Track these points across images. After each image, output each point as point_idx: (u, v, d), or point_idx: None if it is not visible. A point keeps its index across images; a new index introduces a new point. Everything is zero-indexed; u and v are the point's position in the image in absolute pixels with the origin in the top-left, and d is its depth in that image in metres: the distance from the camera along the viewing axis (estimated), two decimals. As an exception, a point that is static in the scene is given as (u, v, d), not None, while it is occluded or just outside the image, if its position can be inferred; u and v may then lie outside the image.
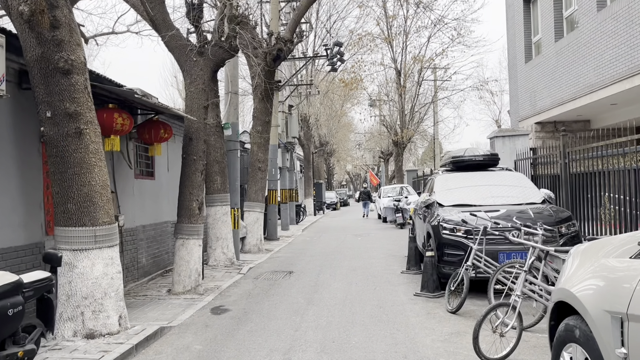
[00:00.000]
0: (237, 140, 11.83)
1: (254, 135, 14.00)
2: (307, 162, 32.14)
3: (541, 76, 17.29)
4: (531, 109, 18.30)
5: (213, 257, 10.84)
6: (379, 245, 14.41)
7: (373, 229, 20.57)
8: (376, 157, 64.63)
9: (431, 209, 8.57)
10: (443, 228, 7.57)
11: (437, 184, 9.05)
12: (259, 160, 13.89)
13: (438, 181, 9.12)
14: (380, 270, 9.96)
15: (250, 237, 13.60)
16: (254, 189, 13.85)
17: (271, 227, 16.99)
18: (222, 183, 10.91)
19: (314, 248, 14.31)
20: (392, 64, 27.63)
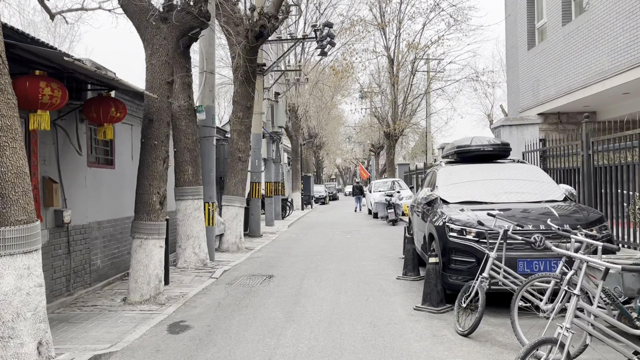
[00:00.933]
0: (213, 125, 10.51)
1: (234, 122, 12.69)
2: (295, 154, 30.84)
3: (546, 64, 16.12)
4: (533, 99, 17.15)
5: (182, 258, 9.54)
6: (371, 244, 13.19)
7: (363, 225, 19.36)
8: (366, 150, 63.49)
9: (434, 207, 7.34)
10: (450, 230, 6.34)
11: (440, 177, 7.81)
12: (240, 150, 12.58)
13: (441, 174, 7.89)
14: (373, 275, 8.73)
15: (228, 234, 12.31)
16: (234, 181, 12.54)
17: (253, 223, 15.70)
18: (194, 174, 9.60)
19: (299, 247, 13.05)
20: (384, 51, 26.33)
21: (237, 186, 12.55)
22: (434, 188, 7.65)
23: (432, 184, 8.28)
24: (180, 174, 9.55)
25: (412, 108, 28.29)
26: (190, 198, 9.53)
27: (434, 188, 7.68)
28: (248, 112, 12.69)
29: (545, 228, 5.91)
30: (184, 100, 9.54)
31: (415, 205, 9.13)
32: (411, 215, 9.76)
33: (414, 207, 9.37)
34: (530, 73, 17.40)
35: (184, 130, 9.53)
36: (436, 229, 6.65)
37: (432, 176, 8.65)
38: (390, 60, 26.29)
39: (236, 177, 12.55)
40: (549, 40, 15.83)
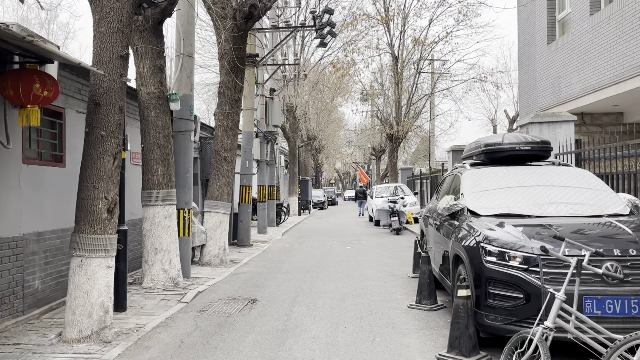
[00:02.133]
0: (191, 118, 8.92)
1: (219, 116, 11.10)
2: (292, 157, 29.25)
3: (569, 59, 14.56)
4: (554, 97, 15.59)
5: (149, 276, 7.93)
6: (373, 257, 11.58)
7: (364, 234, 17.75)
8: (366, 154, 61.92)
9: (459, 220, 5.76)
10: (486, 252, 4.75)
11: (466, 183, 6.22)
12: (225, 148, 10.99)
13: (467, 179, 6.29)
14: (379, 301, 7.13)
15: (210, 245, 10.70)
16: (218, 184, 10.95)
17: (242, 231, 14.10)
18: (165, 175, 8.01)
19: (293, 260, 11.45)
20: (388, 48, 24.78)
21: (222, 190, 10.95)
22: (459, 196, 6.05)
23: (454, 191, 6.70)
24: (149, 175, 7.96)
25: (416, 110, 26.71)
26: (159, 204, 7.93)
27: (458, 196, 6.08)
28: (235, 105, 11.11)
29: (620, 253, 4.33)
30: (155, 87, 7.96)
31: (431, 216, 7.53)
32: (424, 227, 8.15)
33: (429, 217, 7.78)
34: (550, 70, 15.84)
35: (154, 122, 7.95)
36: (466, 250, 5.06)
37: (453, 181, 7.05)
38: (394, 58, 24.74)
39: (221, 179, 10.96)
40: (572, 32, 14.28)
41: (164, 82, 8.13)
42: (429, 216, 7.80)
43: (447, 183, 7.53)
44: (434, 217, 7.25)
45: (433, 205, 7.82)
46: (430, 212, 7.71)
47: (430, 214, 7.73)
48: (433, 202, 8.11)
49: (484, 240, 4.86)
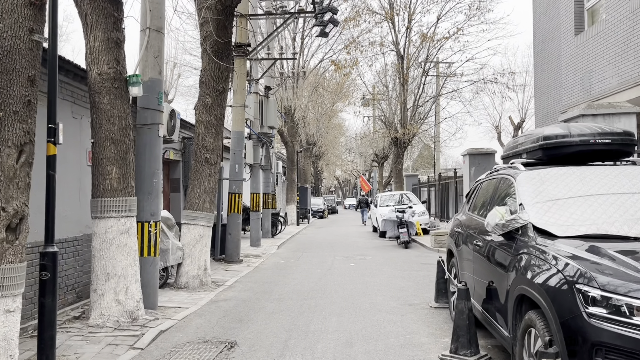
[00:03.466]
0: (160, 108, 7.15)
1: (200, 111, 9.36)
2: (290, 163, 27.49)
3: (602, 49, 12.83)
4: (583, 94, 13.84)
5: (98, 310, 6.13)
6: (383, 278, 9.78)
7: (369, 247, 15.94)
8: (367, 161, 60.15)
9: (521, 242, 3.98)
10: (588, 300, 2.97)
11: (525, 189, 4.43)
12: (207, 148, 9.23)
13: (525, 184, 4.49)
14: (398, 347, 5.33)
15: (188, 264, 8.90)
16: (198, 191, 9.18)
17: (231, 244, 12.30)
18: (122, 178, 6.24)
19: (287, 280, 9.65)
20: (393, 47, 23.10)
21: (203, 198, 9.18)
22: (520, 208, 4.26)
23: (500, 200, 4.93)
24: (100, 179, 6.19)
25: (424, 111, 24.98)
26: (113, 215, 6.15)
27: (519, 208, 4.29)
28: (220, 97, 9.36)
29: None
30: (109, 66, 6.20)
31: (465, 232, 5.75)
32: (453, 246, 6.35)
33: (461, 234, 5.99)
34: (579, 64, 14.10)
35: (107, 110, 6.18)
36: (546, 292, 3.27)
37: (497, 188, 5.25)
38: (399, 57, 23.04)
39: (202, 185, 9.19)
40: (607, 20, 12.56)
41: (121, 61, 6.37)
42: (461, 232, 6.01)
43: (486, 190, 5.75)
44: (471, 234, 5.46)
45: (466, 219, 6.03)
46: (464, 227, 5.92)
47: (463, 229, 5.94)
48: (465, 214, 6.33)
49: (581, 278, 3.07)
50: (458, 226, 6.29)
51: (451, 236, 6.62)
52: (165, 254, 8.61)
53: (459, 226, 6.25)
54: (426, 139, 37.65)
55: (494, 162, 13.97)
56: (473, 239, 5.29)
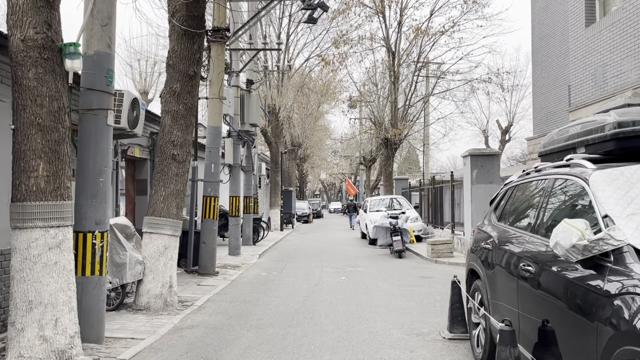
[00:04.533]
0: (108, 90, 5.70)
1: (167, 99, 7.91)
2: (274, 165, 26.06)
3: (619, 40, 11.68)
4: (596, 90, 12.67)
5: (16, 349, 4.65)
6: (380, 296, 8.42)
7: (360, 256, 14.58)
8: (353, 164, 58.89)
9: (620, 276, 2.64)
10: None
11: (608, 194, 3.09)
12: (175, 143, 7.79)
13: (606, 187, 3.15)
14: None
15: (150, 281, 7.44)
16: (163, 193, 7.73)
17: (206, 254, 10.85)
18: (54, 176, 4.78)
19: (268, 299, 8.24)
20: (383, 42, 21.83)
21: (169, 202, 7.73)
22: (603, 222, 2.92)
23: (561, 209, 3.61)
24: (22, 176, 4.73)
25: (415, 111, 23.76)
26: (39, 225, 4.69)
27: (605, 222, 2.94)
28: (190, 83, 7.93)
29: None
30: (36, 30, 4.75)
31: (501, 251, 4.40)
32: (479, 266, 4.99)
33: (489, 251, 4.66)
34: (590, 57, 12.93)
35: (33, 88, 4.73)
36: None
37: (554, 191, 3.90)
38: (390, 53, 21.78)
39: (167, 187, 7.74)
40: (625, 8, 11.41)
41: (54, 25, 4.92)
42: (491, 250, 4.66)
43: (527, 196, 4.43)
44: (510, 253, 4.11)
45: (499, 232, 4.69)
46: (496, 243, 4.57)
47: (494, 246, 4.59)
48: (493, 226, 5.00)
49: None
50: (485, 240, 4.94)
51: (474, 252, 5.27)
52: (122, 269, 7.16)
53: (486, 240, 4.90)
54: (415, 142, 36.56)
55: (498, 164, 12.74)
56: (516, 260, 3.94)
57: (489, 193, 12.53)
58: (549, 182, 3.96)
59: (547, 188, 3.96)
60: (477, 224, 5.71)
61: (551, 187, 3.89)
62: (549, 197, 3.87)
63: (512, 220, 4.54)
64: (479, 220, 12.99)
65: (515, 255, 3.97)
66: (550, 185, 3.92)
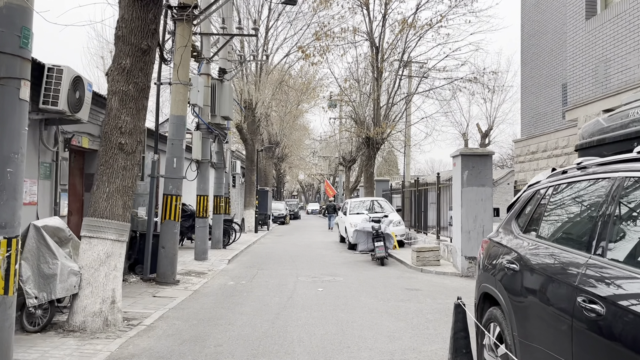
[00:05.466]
0: (22, 55, 4.39)
1: (115, 77, 6.62)
2: (250, 163, 24.76)
3: (623, 33, 10.76)
4: (597, 87, 11.75)
5: None
6: (363, 314, 7.24)
7: (339, 263, 13.41)
8: (332, 165, 57.80)
9: None
10: None
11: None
12: (122, 130, 6.50)
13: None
14: None
15: (87, 295, 6.14)
16: (106, 189, 6.43)
17: (164, 260, 9.55)
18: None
19: (232, 318, 7.00)
20: (367, 36, 20.74)
21: (114, 200, 6.43)
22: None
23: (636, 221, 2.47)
24: None
25: (398, 109, 22.72)
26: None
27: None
28: (143, 60, 6.65)
29: None
30: None
31: (536, 276, 3.25)
32: (501, 292, 3.83)
33: (518, 274, 3.51)
34: (591, 52, 12.00)
35: None
36: None
37: (620, 195, 2.78)
38: (373, 47, 20.69)
39: (112, 182, 6.45)
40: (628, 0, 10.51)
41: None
42: (514, 269, 3.53)
43: (578, 202, 3.30)
44: (557, 282, 2.96)
45: (529, 251, 3.54)
46: (525, 265, 3.42)
47: (521, 267, 3.44)
48: (517, 238, 3.86)
49: None
50: (506, 257, 3.80)
51: (488, 271, 4.13)
52: (51, 281, 5.86)
53: (508, 257, 3.75)
54: (395, 143, 35.59)
55: (491, 166, 11.70)
56: (569, 292, 2.79)
57: (480, 197, 11.52)
58: (614, 182, 2.83)
59: (612, 191, 2.82)
60: (490, 234, 4.57)
61: (621, 190, 2.75)
62: (616, 204, 2.74)
63: (550, 234, 3.40)
64: (469, 226, 12.03)
65: (567, 285, 2.82)
66: (618, 186, 2.78)
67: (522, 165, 18.63)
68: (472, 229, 11.40)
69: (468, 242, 11.37)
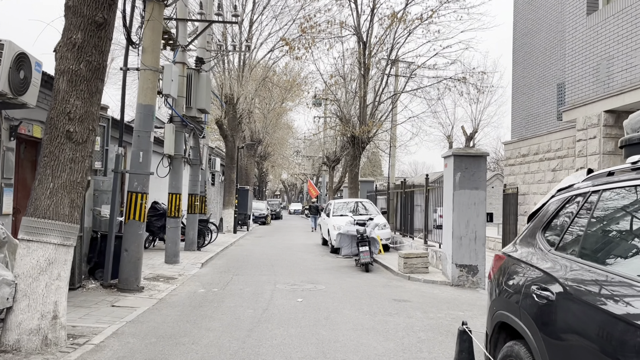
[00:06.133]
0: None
1: (63, 55, 5.67)
2: (230, 160, 23.80)
3: (628, 29, 10.10)
4: (598, 86, 11.07)
5: None
6: (348, 330, 6.40)
7: (321, 268, 12.55)
8: (315, 165, 56.94)
9: None
10: None
11: None
12: (71, 117, 5.56)
13: None
14: None
15: (23, 310, 5.19)
16: (50, 185, 5.49)
17: (128, 265, 8.59)
18: None
19: (197, 336, 6.10)
20: (354, 31, 19.94)
21: (59, 198, 5.49)
22: None
23: None
24: None
25: (385, 108, 21.97)
26: None
27: None
28: (98, 35, 5.71)
29: None
30: None
31: (604, 319, 2.44)
32: (527, 323, 3.01)
33: (550, 303, 2.70)
34: (592, 49, 11.33)
35: None
36: None
37: None
38: (361, 43, 19.89)
39: (57, 176, 5.51)
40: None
41: None
42: (548, 299, 2.71)
43: (627, 212, 2.50)
44: (623, 327, 2.15)
45: (572, 277, 2.72)
46: (565, 295, 2.60)
47: (561, 296, 2.63)
48: (544, 258, 3.05)
49: None
50: (534, 281, 2.97)
51: (507, 296, 3.31)
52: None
53: (537, 282, 2.93)
54: (380, 143, 34.87)
55: (485, 166, 10.96)
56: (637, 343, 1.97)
57: (473, 200, 10.76)
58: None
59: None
60: (505, 248, 3.76)
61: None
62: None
63: (601, 255, 2.59)
64: (460, 231, 11.24)
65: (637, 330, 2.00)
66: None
67: (512, 168, 17.99)
68: (464, 234, 10.64)
69: (459, 248, 10.62)
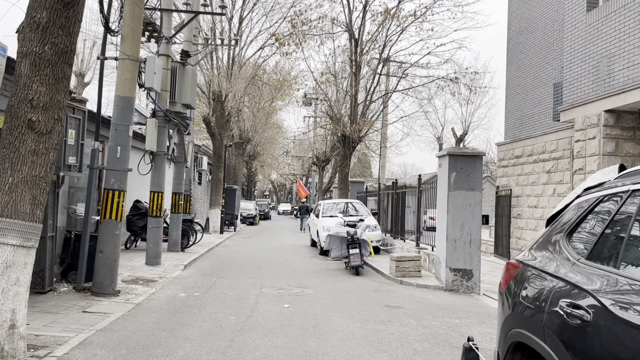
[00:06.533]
0: None
1: (27, 36, 5.12)
2: (217, 159, 23.22)
3: (631, 25, 9.73)
4: (598, 85, 10.69)
5: None
6: (337, 341, 5.91)
7: (309, 271, 12.05)
8: (305, 165, 56.45)
9: None
10: None
11: None
12: (34, 104, 5.02)
13: None
14: None
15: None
16: (9, 180, 4.94)
17: (103, 267, 8.03)
18: None
19: (173, 347, 5.57)
20: (345, 27, 19.47)
21: (19, 194, 4.95)
22: None
23: None
24: None
25: (376, 107, 21.54)
26: None
27: None
28: (66, 14, 5.17)
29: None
30: None
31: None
32: (552, 345, 2.54)
33: (586, 325, 2.23)
34: (592, 47, 10.95)
35: None
36: None
37: None
38: (353, 41, 19.44)
39: (17, 170, 4.96)
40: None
41: None
42: (583, 319, 2.24)
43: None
44: None
45: (612, 294, 2.26)
46: (605, 315, 2.14)
47: (597, 317, 2.16)
48: (572, 268, 2.58)
49: None
50: (562, 296, 2.51)
51: (527, 312, 2.84)
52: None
53: (567, 299, 2.47)
54: (372, 144, 34.48)
55: (481, 167, 10.54)
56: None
57: (469, 202, 10.33)
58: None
59: None
60: (519, 255, 3.29)
61: None
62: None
63: (628, 259, 2.12)
64: (455, 234, 10.78)
65: None
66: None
67: (505, 169, 17.63)
68: (458, 237, 10.21)
69: (454, 252, 10.18)
